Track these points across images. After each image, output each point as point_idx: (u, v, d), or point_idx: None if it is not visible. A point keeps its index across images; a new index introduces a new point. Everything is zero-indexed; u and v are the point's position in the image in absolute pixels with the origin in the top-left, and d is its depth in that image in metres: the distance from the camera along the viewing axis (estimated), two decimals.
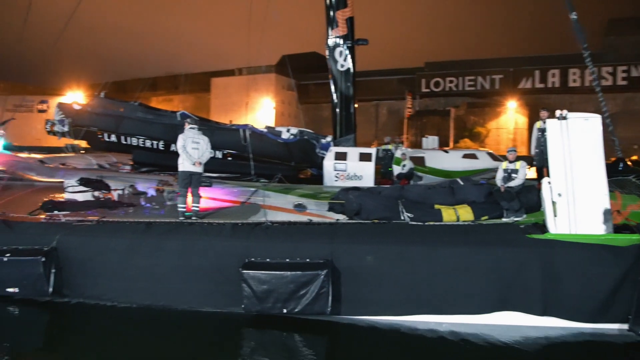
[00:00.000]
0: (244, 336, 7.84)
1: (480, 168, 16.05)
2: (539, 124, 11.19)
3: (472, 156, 16.63)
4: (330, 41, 16.20)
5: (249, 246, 8.13)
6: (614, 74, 50.47)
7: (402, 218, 8.85)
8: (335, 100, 16.61)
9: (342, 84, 16.38)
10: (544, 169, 10.33)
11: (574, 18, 10.71)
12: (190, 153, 9.68)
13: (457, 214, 8.83)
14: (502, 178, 9.57)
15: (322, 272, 7.47)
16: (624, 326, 7.31)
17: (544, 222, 8.09)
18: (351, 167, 14.38)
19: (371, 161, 14.43)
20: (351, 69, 16.33)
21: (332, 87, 16.62)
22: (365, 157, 14.54)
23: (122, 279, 8.52)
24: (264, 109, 64.23)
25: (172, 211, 10.50)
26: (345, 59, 16.20)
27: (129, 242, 8.60)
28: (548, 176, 8.04)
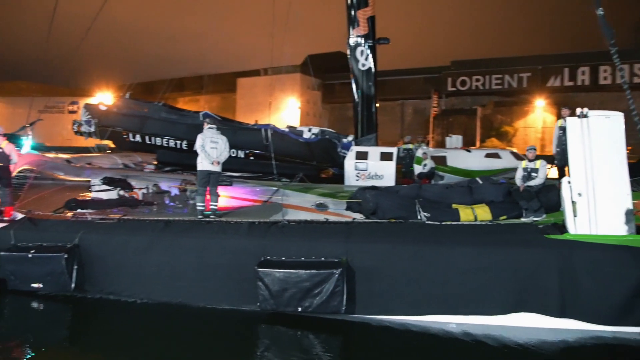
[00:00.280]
0: (259, 334, 7.91)
1: (503, 167, 15.84)
2: (560, 122, 11.00)
3: (495, 155, 16.39)
4: (351, 40, 16.20)
5: (265, 245, 8.20)
6: None
7: (418, 217, 8.81)
8: (357, 100, 16.57)
9: (363, 83, 16.34)
10: (565, 168, 10.14)
11: (600, 14, 10.49)
12: (209, 152, 9.80)
13: (475, 214, 8.75)
14: (521, 177, 9.43)
15: (336, 271, 7.49)
16: None
17: (563, 222, 7.96)
18: (372, 167, 14.34)
19: (392, 160, 14.36)
20: (372, 68, 16.28)
21: (354, 87, 16.60)
22: (386, 157, 14.49)
23: (141, 275, 8.70)
24: (289, 109, 64.43)
25: (195, 210, 10.64)
26: (366, 58, 16.16)
27: (148, 240, 8.77)
28: (569, 175, 7.90)
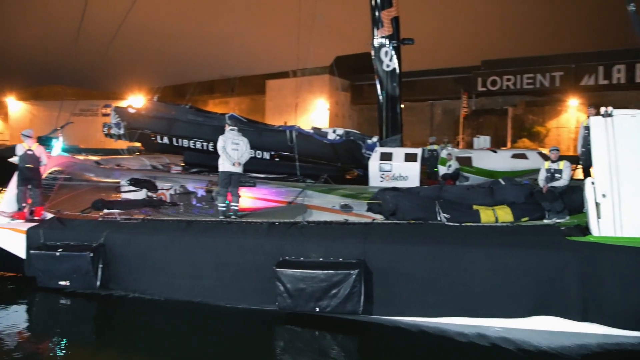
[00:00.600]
0: (277, 334, 8.00)
1: (530, 168, 15.55)
2: (585, 122, 10.74)
3: (522, 156, 16.09)
4: (375, 41, 16.16)
5: (284, 245, 8.27)
6: None
7: (438, 219, 8.75)
8: (381, 101, 16.52)
9: (388, 84, 16.27)
10: (591, 169, 9.91)
11: (631, 9, 10.25)
12: (230, 154, 9.93)
13: (496, 215, 8.65)
14: (544, 178, 9.26)
15: (353, 271, 7.51)
16: None
17: (587, 224, 7.80)
18: (396, 168, 14.28)
19: (416, 162, 14.27)
20: (397, 69, 16.20)
21: (378, 88, 16.55)
22: (410, 158, 14.40)
23: (162, 274, 8.90)
24: (318, 110, 64.52)
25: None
26: (390, 59, 16.10)
27: (169, 240, 8.95)
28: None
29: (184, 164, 16.47)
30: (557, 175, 9.14)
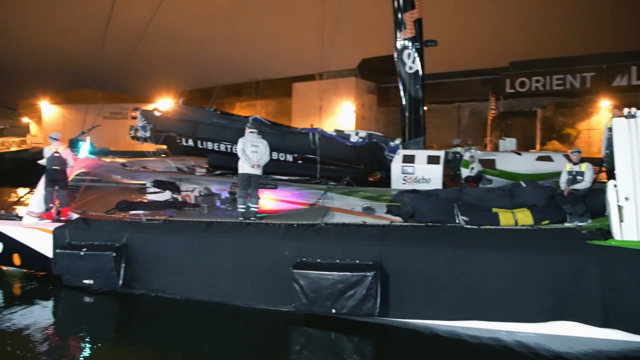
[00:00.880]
0: (293, 334, 8.04)
1: (555, 171, 15.23)
2: (609, 123, 10.49)
3: (547, 158, 15.79)
4: (398, 43, 16.13)
5: (301, 246, 8.33)
6: None
7: (457, 221, 8.68)
8: (404, 103, 16.47)
9: (410, 86, 16.22)
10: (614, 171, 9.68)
11: None
12: (249, 156, 10.04)
13: (516, 218, 8.54)
14: (566, 181, 9.11)
15: (369, 273, 7.52)
16: None
17: (609, 227, 7.65)
18: (419, 170, 14.22)
19: (439, 164, 14.19)
20: (420, 71, 16.14)
21: (401, 90, 16.51)
22: (433, 160, 14.32)
23: (182, 274, 9.06)
24: (344, 113, 64.53)
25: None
26: (413, 61, 16.05)
27: (189, 240, 9.11)
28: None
29: (208, 166, 16.70)
30: (579, 178, 8.99)
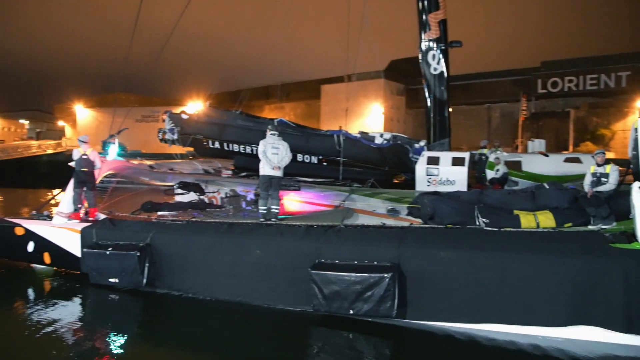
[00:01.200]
0: (310, 335, 8.12)
1: (584, 173, 14.86)
2: (637, 124, 10.24)
3: (576, 160, 15.42)
4: (423, 45, 16.05)
5: (320, 248, 8.39)
6: None
7: (477, 223, 8.62)
8: (429, 105, 16.37)
9: (435, 87, 16.12)
10: None
11: None
12: (270, 158, 10.15)
13: (537, 220, 8.41)
14: (590, 183, 8.94)
15: (387, 275, 7.53)
16: None
17: (633, 230, 7.48)
18: (443, 172, 14.11)
19: (464, 166, 14.05)
20: (445, 72, 16.03)
21: (426, 92, 16.42)
22: (458, 162, 14.19)
23: (204, 274, 9.23)
24: (373, 115, 64.42)
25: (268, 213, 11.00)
26: (438, 62, 15.95)
27: (211, 241, 9.27)
28: None
29: (234, 168, 16.90)
30: (603, 180, 8.81)
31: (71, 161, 11.30)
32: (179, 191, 13.77)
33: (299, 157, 16.23)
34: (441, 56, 15.93)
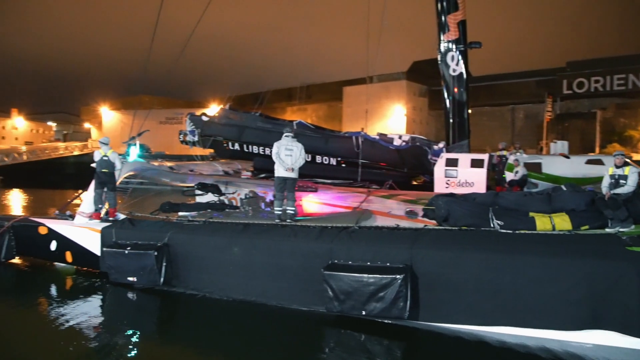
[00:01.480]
0: (323, 335, 8.15)
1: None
2: None
3: (598, 162, 15.13)
4: (442, 46, 15.99)
5: (333, 249, 8.43)
6: None
7: (491, 225, 8.55)
8: (448, 106, 16.29)
9: (454, 89, 16.03)
10: None
11: None
12: (284, 159, 10.23)
13: (553, 223, 8.31)
14: (608, 185, 8.79)
15: (399, 276, 7.53)
16: None
17: None
18: (462, 174, 14.01)
19: (483, 168, 13.94)
20: (464, 73, 15.93)
21: (445, 93, 16.35)
22: (477, 164, 14.08)
23: (219, 273, 9.37)
24: (395, 116, 64.24)
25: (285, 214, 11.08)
26: (457, 64, 15.86)
27: (227, 241, 9.40)
28: None
29: (253, 170, 17.05)
30: (621, 182, 8.66)
31: (93, 162, 11.56)
32: (198, 192, 13.96)
33: (317, 159, 16.31)
34: (460, 57, 15.84)
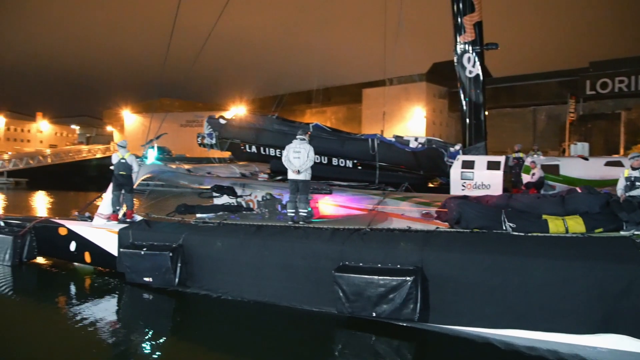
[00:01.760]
0: (334, 336, 8.20)
1: None
2: None
3: (617, 164, 14.88)
4: (458, 48, 15.96)
5: (344, 250, 8.48)
6: None
7: (504, 228, 8.51)
8: (465, 108, 16.24)
9: (471, 91, 15.98)
10: None
11: None
12: (292, 162, 10.33)
13: (566, 225, 8.22)
14: (623, 187, 8.67)
15: (409, 278, 7.55)
16: None
17: None
18: (478, 176, 13.95)
19: (499, 170, 13.85)
20: (480, 75, 15.87)
21: (461, 95, 16.30)
22: (493, 166, 14.01)
23: (232, 274, 9.48)
24: (415, 118, 63.91)
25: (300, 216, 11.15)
26: (473, 65, 15.82)
27: (240, 242, 9.52)
28: None
29: (270, 172, 17.18)
30: (637, 184, 8.54)
31: (111, 165, 11.79)
32: (214, 194, 14.13)
33: (334, 161, 16.38)
34: (476, 59, 15.80)
